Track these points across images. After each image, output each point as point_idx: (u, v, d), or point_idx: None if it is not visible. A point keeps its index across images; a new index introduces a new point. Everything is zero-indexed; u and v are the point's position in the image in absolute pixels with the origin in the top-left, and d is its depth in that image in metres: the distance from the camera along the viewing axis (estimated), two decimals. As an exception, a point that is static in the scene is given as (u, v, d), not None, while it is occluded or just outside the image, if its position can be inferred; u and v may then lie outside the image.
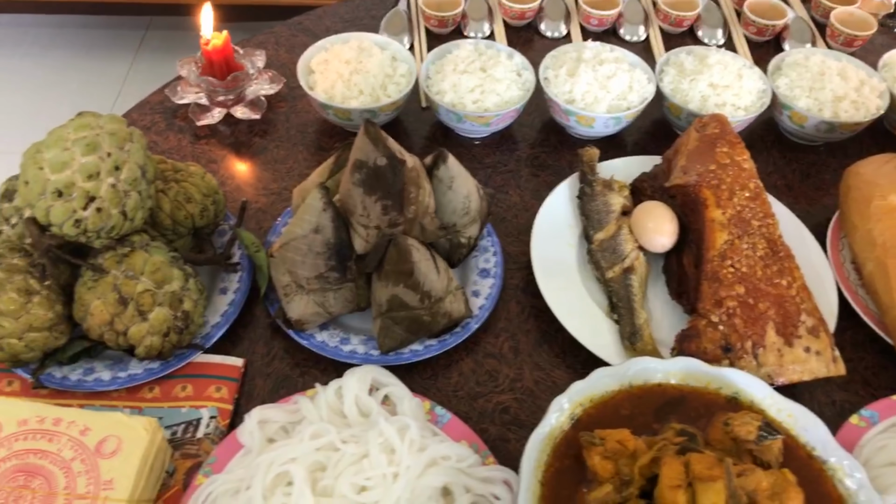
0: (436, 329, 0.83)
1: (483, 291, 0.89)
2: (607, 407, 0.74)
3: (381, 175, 0.76)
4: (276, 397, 0.82)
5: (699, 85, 1.05)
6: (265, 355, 0.85)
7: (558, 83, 1.06)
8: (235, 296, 0.86)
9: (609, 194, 0.95)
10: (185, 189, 0.84)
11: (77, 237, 0.73)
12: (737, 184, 0.89)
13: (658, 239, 0.91)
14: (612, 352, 0.84)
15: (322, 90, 1.03)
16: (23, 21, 2.81)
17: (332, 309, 0.83)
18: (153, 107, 1.12)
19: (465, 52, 1.08)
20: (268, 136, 1.09)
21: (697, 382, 0.75)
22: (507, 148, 1.10)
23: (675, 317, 0.90)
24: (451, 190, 0.85)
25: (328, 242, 0.79)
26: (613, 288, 0.89)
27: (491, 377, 0.85)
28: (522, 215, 1.01)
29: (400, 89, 1.05)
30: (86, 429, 0.71)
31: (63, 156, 0.71)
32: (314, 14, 1.30)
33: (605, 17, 1.25)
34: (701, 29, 1.28)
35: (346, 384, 0.76)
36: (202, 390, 0.80)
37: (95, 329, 0.76)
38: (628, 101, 1.04)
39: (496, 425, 0.81)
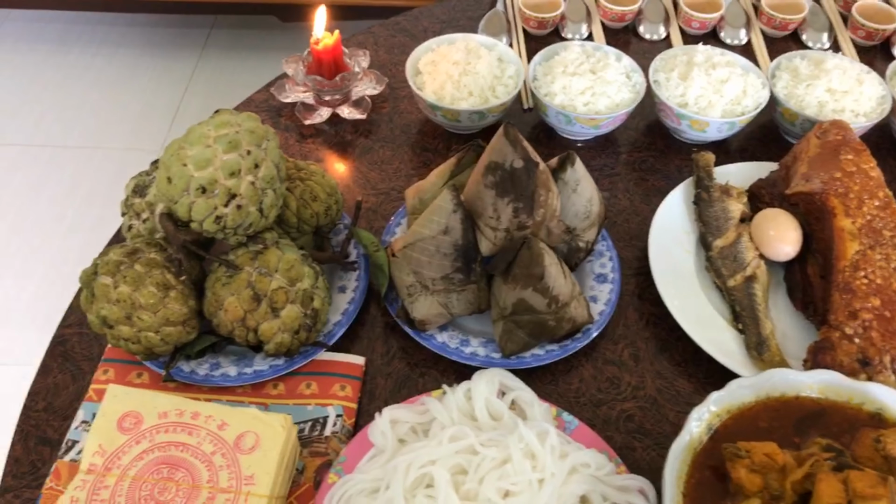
0: (559, 334, 0.82)
1: (601, 297, 0.88)
2: (745, 419, 0.73)
3: (516, 177, 0.75)
4: (398, 397, 0.81)
5: (816, 90, 1.03)
6: (384, 354, 0.85)
7: (670, 86, 1.04)
8: (355, 294, 0.87)
9: (727, 200, 0.93)
10: (311, 188, 0.84)
11: (216, 233, 0.73)
12: (865, 192, 0.87)
13: (781, 247, 0.89)
14: (738, 362, 0.82)
15: (431, 91, 1.03)
16: (93, 18, 2.87)
17: (454, 310, 0.82)
18: (258, 105, 1.13)
19: (574, 55, 1.07)
20: (372, 137, 1.09)
21: (838, 396, 0.73)
22: (612, 151, 1.09)
23: (798, 327, 0.88)
24: (575, 193, 0.84)
25: (456, 244, 0.79)
26: (736, 297, 0.87)
27: (612, 384, 0.83)
28: (634, 220, 0.99)
29: (508, 91, 1.04)
30: (223, 423, 0.71)
31: (206, 153, 0.71)
32: (411, 14, 1.30)
33: (707, 20, 1.23)
34: (805, 32, 1.25)
35: (476, 387, 0.75)
36: (327, 388, 0.80)
37: (227, 325, 0.77)
38: (742, 106, 1.02)
39: (621, 433, 0.80)
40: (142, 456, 0.69)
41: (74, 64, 2.73)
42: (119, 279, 0.73)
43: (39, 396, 0.80)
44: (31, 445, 0.76)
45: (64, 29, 2.85)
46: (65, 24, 2.86)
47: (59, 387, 0.81)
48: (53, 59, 2.74)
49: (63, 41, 2.81)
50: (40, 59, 2.73)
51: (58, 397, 0.80)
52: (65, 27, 2.85)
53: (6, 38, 2.80)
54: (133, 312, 0.73)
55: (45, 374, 0.82)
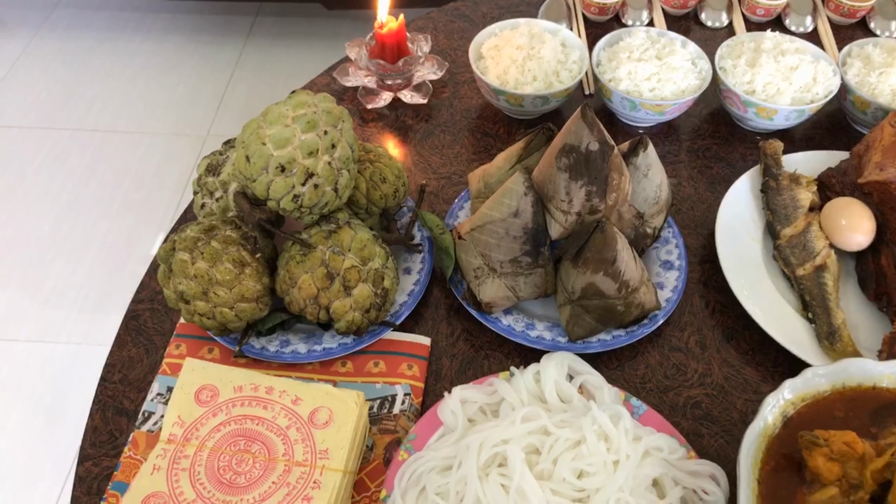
0: (627, 320, 0.81)
1: (668, 284, 0.87)
2: (819, 407, 0.72)
3: (591, 160, 0.75)
4: (463, 378, 0.82)
5: (890, 78, 1.00)
6: (449, 336, 0.86)
7: (737, 73, 1.03)
8: (420, 276, 0.87)
9: (796, 189, 0.92)
10: (380, 170, 0.85)
11: (293, 212, 0.74)
12: (942, 182, 0.85)
13: (854, 237, 0.87)
14: (809, 351, 0.81)
15: (494, 76, 1.03)
16: (141, 6, 2.91)
17: (521, 293, 0.82)
18: (320, 88, 1.14)
19: (639, 41, 1.06)
20: (432, 121, 1.10)
21: (915, 387, 0.72)
22: (675, 138, 1.08)
23: (870, 318, 0.86)
24: (646, 178, 0.84)
25: (526, 227, 0.79)
26: (805, 286, 0.86)
27: (679, 371, 0.83)
28: (698, 207, 0.99)
29: (573, 76, 1.04)
30: (297, 399, 0.72)
31: (285, 132, 0.72)
32: (471, 0, 1.29)
33: (772, 6, 1.21)
34: (874, 20, 1.23)
35: (545, 369, 0.75)
36: (395, 367, 0.81)
37: (299, 302, 0.78)
38: (812, 94, 1.01)
39: (688, 420, 0.79)
40: (219, 428, 0.70)
41: (123, 50, 2.77)
42: (196, 255, 0.74)
43: (115, 369, 0.82)
44: (108, 416, 0.78)
45: (112, 16, 2.90)
46: (113, 12, 2.91)
47: (133, 360, 0.83)
48: (102, 46, 2.79)
49: (112, 28, 2.85)
50: (89, 46, 2.78)
51: (132, 370, 0.82)
52: (113, 14, 2.90)
53: (57, 26, 2.86)
54: (209, 288, 0.74)
55: (119, 347, 0.84)
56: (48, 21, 2.88)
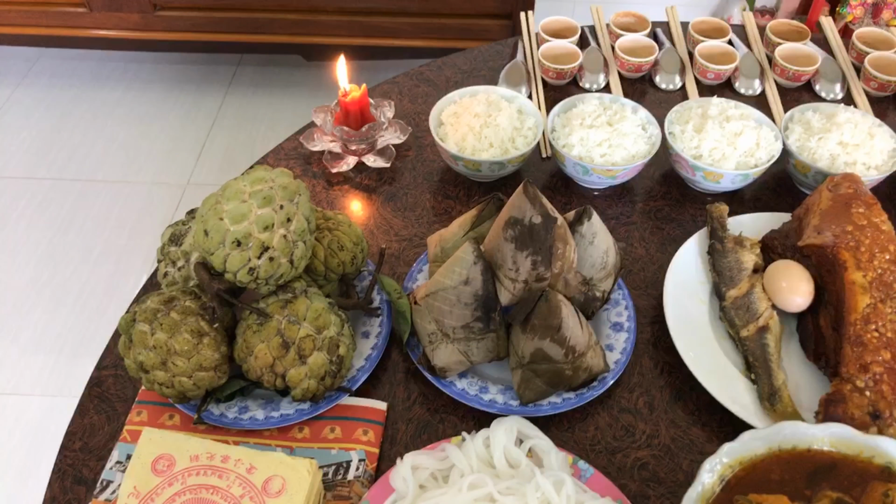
0: (576, 383, 0.84)
1: (617, 346, 0.90)
2: (757, 470, 0.74)
3: (534, 232, 0.79)
4: (418, 442, 0.84)
5: (828, 143, 1.05)
6: (405, 399, 0.88)
7: (685, 139, 1.08)
8: (378, 340, 0.90)
9: (741, 251, 0.96)
10: (338, 238, 0.88)
11: (249, 283, 0.77)
12: (876, 246, 0.89)
13: (794, 299, 0.91)
14: (751, 413, 0.84)
15: (453, 142, 1.07)
16: (125, 56, 2.96)
17: (474, 358, 0.85)
18: (287, 153, 1.18)
19: (592, 107, 1.11)
20: (395, 184, 1.14)
21: (849, 450, 0.75)
22: (628, 200, 1.12)
23: (811, 378, 0.89)
24: (592, 245, 0.87)
25: (476, 294, 0.82)
26: (749, 347, 0.89)
27: (627, 432, 0.85)
28: (649, 268, 1.02)
29: (528, 142, 1.08)
30: (252, 467, 0.74)
31: (242, 208, 0.75)
32: (434, 65, 1.35)
33: (722, 70, 1.27)
34: (819, 83, 1.28)
35: (495, 435, 0.78)
36: (350, 433, 0.83)
37: (256, 370, 0.80)
38: (756, 158, 1.05)
39: (635, 481, 0.81)
40: (174, 498, 0.72)
41: (106, 100, 2.82)
42: (156, 326, 0.77)
43: (76, 436, 0.84)
44: (67, 485, 0.80)
45: (97, 66, 2.95)
46: (97, 62, 2.96)
47: (94, 427, 0.84)
48: (86, 96, 2.84)
49: (96, 78, 2.90)
50: (73, 96, 2.83)
51: (93, 437, 0.83)
52: (97, 64, 2.95)
53: (41, 75, 2.91)
54: (168, 358, 0.77)
55: (81, 414, 0.86)
56: (32, 71, 2.93)
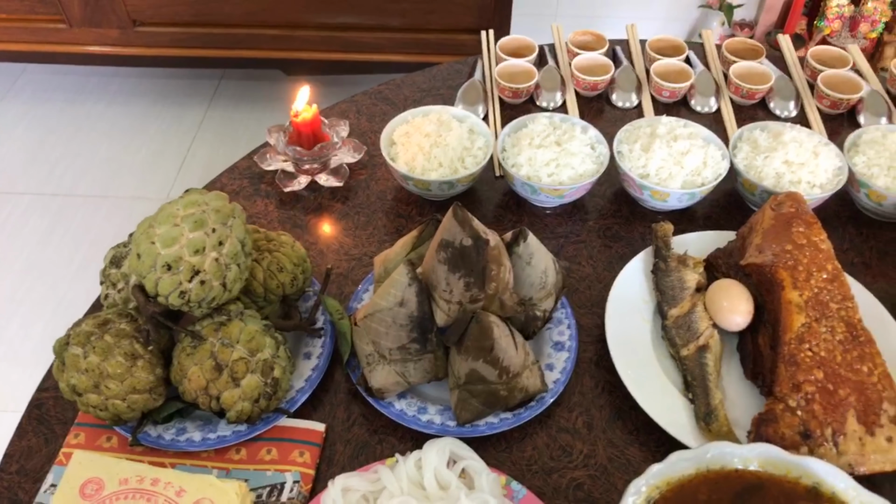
0: (512, 403, 0.85)
1: (557, 365, 0.90)
2: (684, 491, 0.75)
3: (465, 255, 0.79)
4: (355, 464, 0.84)
5: (774, 162, 1.06)
6: (345, 421, 0.88)
7: (632, 158, 1.08)
8: (319, 361, 0.90)
9: (683, 270, 0.96)
10: (278, 259, 0.88)
11: (181, 306, 0.78)
12: (814, 265, 0.90)
13: (733, 318, 0.91)
14: (687, 432, 0.84)
15: (403, 162, 1.08)
16: (108, 71, 2.98)
17: (411, 379, 0.85)
18: (241, 172, 1.18)
19: (541, 127, 1.12)
20: (349, 203, 1.14)
21: (776, 470, 0.75)
22: (579, 218, 1.12)
23: (750, 397, 0.90)
24: (529, 266, 0.88)
25: (412, 315, 0.83)
26: (688, 366, 0.90)
27: (565, 452, 0.86)
28: (595, 287, 1.03)
29: (477, 162, 1.09)
30: (181, 490, 0.74)
31: (173, 231, 0.76)
32: (393, 83, 1.36)
33: (677, 89, 1.28)
34: (773, 101, 1.29)
35: (426, 456, 0.78)
36: (286, 454, 0.83)
37: (191, 392, 0.80)
38: (702, 177, 1.06)
39: (570, 502, 0.82)
40: (101, 522, 0.72)
41: (88, 114, 2.83)
42: (89, 349, 0.77)
43: (13, 459, 0.84)
44: (2, 507, 0.80)
45: (79, 81, 2.96)
46: (81, 76, 2.97)
47: (32, 449, 0.85)
48: (69, 110, 2.85)
49: (79, 91, 2.92)
50: (56, 110, 2.84)
51: (30, 460, 0.84)
52: (80, 79, 2.97)
53: (24, 90, 2.92)
54: (101, 381, 0.77)
55: (20, 436, 0.86)
56: (15, 86, 2.94)
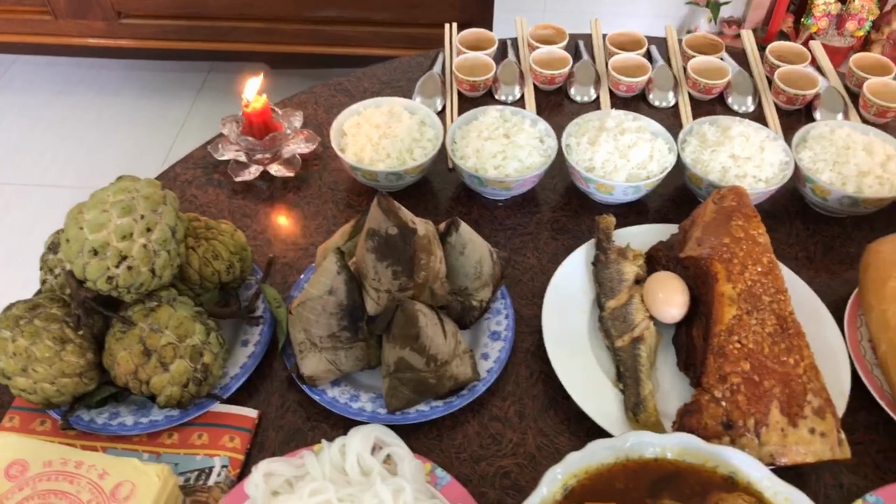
0: (442, 391, 0.85)
1: (492, 354, 0.91)
2: (602, 479, 0.75)
3: (392, 243, 0.80)
4: (286, 450, 0.85)
5: (720, 156, 1.06)
6: (279, 407, 0.89)
7: (580, 151, 1.09)
8: (255, 349, 0.91)
9: (623, 263, 0.97)
10: (214, 247, 0.89)
11: (109, 292, 0.79)
12: (749, 258, 0.90)
13: (668, 310, 0.92)
14: (615, 422, 0.85)
15: (352, 153, 1.09)
16: (96, 63, 2.99)
17: (343, 367, 0.86)
18: (196, 161, 1.19)
19: (491, 119, 1.12)
20: (301, 193, 1.15)
21: (694, 459, 0.76)
22: (529, 210, 1.13)
23: (684, 389, 0.90)
24: (462, 255, 0.88)
25: (341, 304, 0.83)
26: (621, 357, 0.90)
27: (495, 441, 0.86)
28: (539, 278, 1.03)
29: (426, 153, 1.09)
30: (104, 473, 0.75)
31: (101, 217, 0.77)
32: (354, 76, 1.36)
33: (634, 83, 1.28)
34: (731, 96, 1.30)
35: (350, 442, 0.79)
36: (217, 439, 0.84)
37: (121, 377, 0.81)
38: (648, 171, 1.06)
39: (495, 489, 0.82)
40: (22, 503, 0.73)
41: (76, 106, 2.84)
42: (17, 333, 0.78)
43: (-52, 441, 0.85)
44: (-67, 488, 0.81)
45: (67, 72, 2.97)
46: (69, 68, 2.99)
47: (-33, 432, 0.86)
48: (56, 102, 2.86)
49: (67, 83, 2.93)
50: (44, 101, 2.85)
51: (-35, 442, 0.85)
52: (68, 70, 2.98)
53: (13, 81, 2.93)
54: (29, 365, 0.78)
55: (-43, 419, 0.87)
56: (4, 77, 2.96)
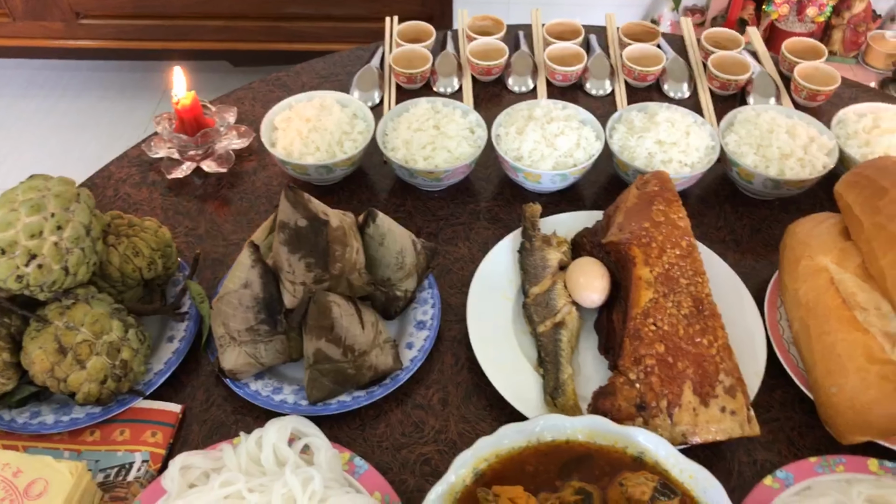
0: (362, 381, 0.86)
1: (417, 343, 0.92)
2: (514, 463, 0.76)
3: (302, 235, 0.80)
4: (209, 443, 0.86)
5: (646, 142, 1.07)
6: (204, 402, 0.90)
7: (508, 140, 1.10)
8: (180, 344, 0.91)
9: (547, 249, 0.98)
10: (135, 244, 0.89)
11: (21, 291, 0.79)
12: (668, 242, 0.91)
13: (588, 295, 0.93)
14: (534, 407, 0.86)
15: (282, 147, 1.09)
16: (58, 65, 2.97)
17: (263, 360, 0.87)
18: (131, 160, 1.19)
19: (422, 110, 1.13)
20: (235, 189, 1.15)
21: (604, 441, 0.77)
22: (462, 201, 1.14)
23: (607, 373, 0.91)
24: (382, 246, 0.89)
25: (257, 297, 0.84)
26: (543, 342, 0.91)
27: (417, 428, 0.87)
28: (469, 268, 1.04)
29: (356, 145, 1.10)
30: (18, 471, 0.76)
31: (9, 216, 0.77)
32: (293, 70, 1.36)
33: (570, 72, 1.29)
34: (667, 83, 1.31)
35: (266, 434, 0.79)
36: (139, 435, 0.84)
37: (39, 376, 0.81)
38: (575, 159, 1.07)
39: (416, 476, 0.83)
40: (-67, 502, 0.73)
41: (38, 108, 2.82)
42: (-70, 334, 0.78)
43: None
44: None
45: (30, 75, 2.95)
46: (31, 71, 2.96)
47: None
48: (19, 105, 2.84)
49: (30, 86, 2.91)
50: (6, 104, 2.83)
51: None
52: (31, 73, 2.96)
53: (-27, 86, 2.91)
54: (-58, 365, 0.78)
55: None
56: (-34, 81, 2.93)
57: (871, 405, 0.77)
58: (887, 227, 0.81)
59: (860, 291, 0.84)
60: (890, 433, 0.79)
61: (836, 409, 0.80)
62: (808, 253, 0.90)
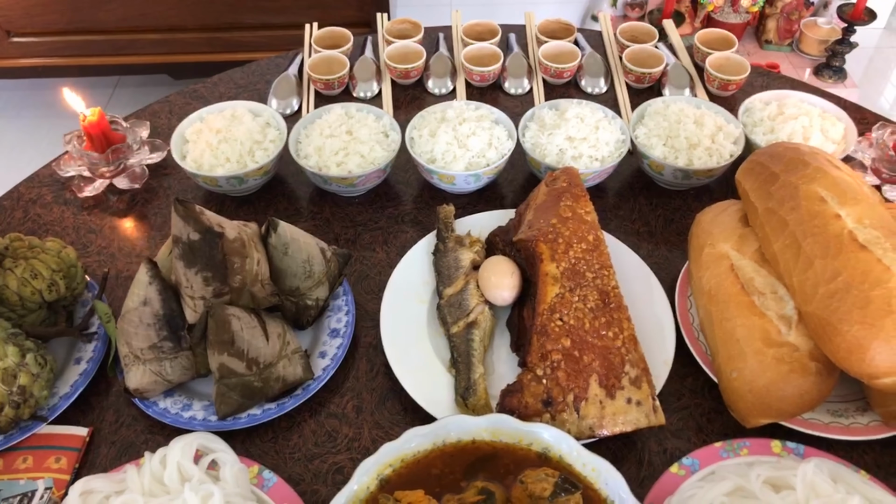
0: (271, 394, 0.85)
1: (330, 352, 0.91)
2: (419, 466, 0.76)
3: (196, 249, 0.79)
4: (118, 465, 0.84)
5: (556, 139, 1.08)
6: (114, 423, 0.88)
7: (422, 143, 1.10)
8: (88, 366, 0.89)
9: (460, 250, 0.98)
10: (33, 266, 0.88)
11: None
12: (575, 237, 0.92)
13: (499, 293, 0.93)
14: (445, 409, 0.86)
15: (192, 159, 1.08)
16: (-8, 85, 2.91)
17: (170, 377, 0.85)
18: (42, 180, 1.17)
19: (334, 116, 1.12)
20: (150, 205, 1.13)
21: (509, 438, 0.77)
22: (382, 205, 1.13)
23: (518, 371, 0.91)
24: (287, 256, 0.88)
25: (157, 314, 0.83)
26: (455, 343, 0.91)
27: (330, 437, 0.87)
28: (387, 272, 1.03)
29: (268, 154, 1.09)
30: (-90, 506, 0.74)
31: None
32: (210, 81, 1.35)
33: (486, 72, 1.29)
34: (584, 79, 1.32)
35: (171, 452, 0.78)
36: (42, 461, 0.83)
37: (-67, 406, 0.79)
38: (487, 158, 1.08)
39: (328, 486, 0.83)
40: None
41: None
42: None
43: None
44: None
45: (-37, 96, 2.89)
46: (-36, 92, 2.90)
47: None
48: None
49: (-37, 107, 2.84)
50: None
51: None
52: (-36, 94, 2.89)
53: None
54: None
55: None
56: None
57: (768, 387, 0.79)
58: (777, 211, 0.83)
59: (757, 276, 0.85)
60: (789, 414, 0.80)
61: (737, 393, 0.81)
62: (711, 241, 0.91)
